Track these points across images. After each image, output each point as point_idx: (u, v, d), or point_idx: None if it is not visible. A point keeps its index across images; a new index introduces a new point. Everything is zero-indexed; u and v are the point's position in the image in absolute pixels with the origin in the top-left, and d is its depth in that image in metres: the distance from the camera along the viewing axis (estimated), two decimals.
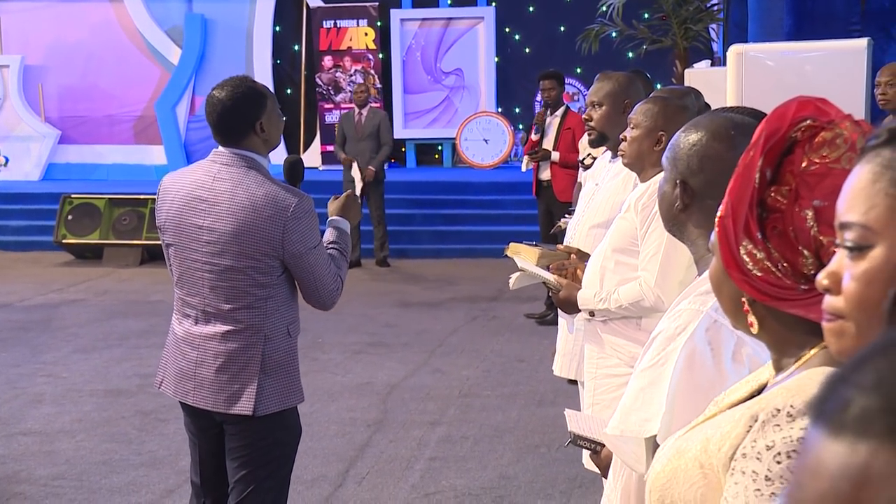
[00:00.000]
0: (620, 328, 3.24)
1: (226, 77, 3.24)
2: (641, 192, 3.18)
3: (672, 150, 1.88)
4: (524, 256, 3.82)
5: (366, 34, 15.19)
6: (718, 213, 1.24)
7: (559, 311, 3.62)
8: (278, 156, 15.02)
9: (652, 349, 2.00)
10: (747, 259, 1.21)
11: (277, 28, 15.56)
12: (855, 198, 0.92)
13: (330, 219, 3.37)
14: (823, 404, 0.48)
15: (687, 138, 1.85)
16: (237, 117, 3.09)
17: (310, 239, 3.08)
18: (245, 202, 3.04)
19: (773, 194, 1.21)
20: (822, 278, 0.98)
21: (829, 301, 0.98)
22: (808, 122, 1.23)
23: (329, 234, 3.32)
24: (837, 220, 0.94)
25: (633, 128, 3.19)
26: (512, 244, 3.93)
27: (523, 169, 8.71)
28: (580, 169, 6.23)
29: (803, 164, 1.20)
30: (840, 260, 0.96)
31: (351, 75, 15.05)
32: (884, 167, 0.90)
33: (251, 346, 3.09)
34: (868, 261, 0.92)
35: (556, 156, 8.13)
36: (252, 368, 3.09)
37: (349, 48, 15.23)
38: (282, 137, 3.31)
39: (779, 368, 1.30)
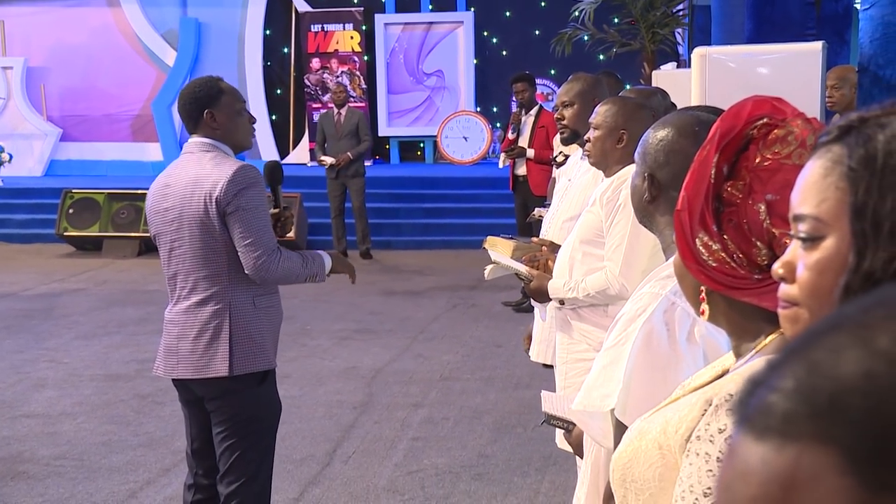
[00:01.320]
0: (588, 315, 3.25)
1: (220, 77, 3.44)
2: (606, 186, 3.19)
3: (642, 145, 1.89)
4: (500, 249, 3.82)
5: (351, 37, 15.13)
6: (675, 207, 1.24)
7: (532, 299, 3.63)
8: (270, 157, 14.97)
9: (615, 330, 2.01)
10: (703, 250, 1.20)
11: (268, 31, 15.48)
12: (807, 191, 0.92)
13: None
14: (745, 408, 0.47)
15: (656, 135, 1.86)
16: (189, 103, 3.22)
17: (246, 199, 3.12)
18: (195, 175, 3.16)
19: (729, 189, 1.21)
20: (777, 268, 0.98)
21: (785, 289, 0.98)
22: (765, 119, 1.22)
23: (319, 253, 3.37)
24: (791, 213, 0.94)
25: (595, 128, 3.20)
26: (489, 237, 3.93)
27: (500, 165, 8.74)
28: (554, 165, 6.23)
29: (757, 160, 1.20)
30: (794, 250, 0.96)
31: (338, 76, 15.00)
32: (834, 162, 0.91)
33: (218, 314, 3.17)
34: (820, 251, 0.92)
35: (530, 153, 8.16)
36: (222, 336, 3.16)
37: (336, 51, 15.17)
38: (253, 139, 3.35)
39: (738, 355, 1.30)
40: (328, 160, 10.30)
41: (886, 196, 0.86)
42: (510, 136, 8.30)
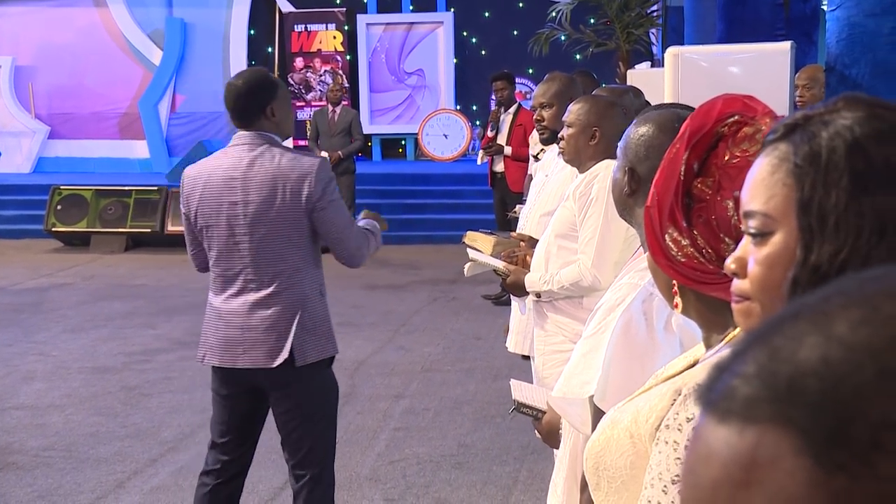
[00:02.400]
0: (564, 307, 3.26)
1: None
2: (579, 182, 3.20)
3: (624, 140, 1.90)
4: (480, 244, 3.82)
5: (334, 37, 15.08)
6: (645, 203, 1.24)
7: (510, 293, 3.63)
8: None
9: (594, 319, 2.01)
10: (672, 246, 1.20)
11: (252, 31, 15.40)
12: (756, 188, 0.93)
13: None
14: (709, 393, 0.48)
15: (637, 130, 1.87)
16: (250, 101, 3.15)
17: (333, 192, 3.16)
18: (273, 171, 3.11)
19: (699, 185, 1.21)
20: (729, 263, 0.98)
21: (737, 284, 0.98)
22: (735, 117, 1.22)
23: (361, 222, 3.40)
24: (742, 209, 0.95)
25: (568, 126, 3.21)
26: (469, 232, 3.92)
27: (479, 162, 8.76)
28: (531, 161, 6.23)
29: (726, 158, 1.19)
30: (745, 246, 0.96)
31: (321, 75, 14.95)
32: (780, 160, 0.91)
33: (293, 306, 3.15)
34: (769, 246, 0.92)
35: (508, 150, 8.16)
36: (296, 326, 3.14)
37: (319, 50, 15.11)
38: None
39: (708, 345, 1.30)
40: (323, 154, 10.27)
41: (831, 191, 0.86)
42: (489, 133, 8.31)
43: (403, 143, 15.42)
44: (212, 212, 3.17)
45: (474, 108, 15.13)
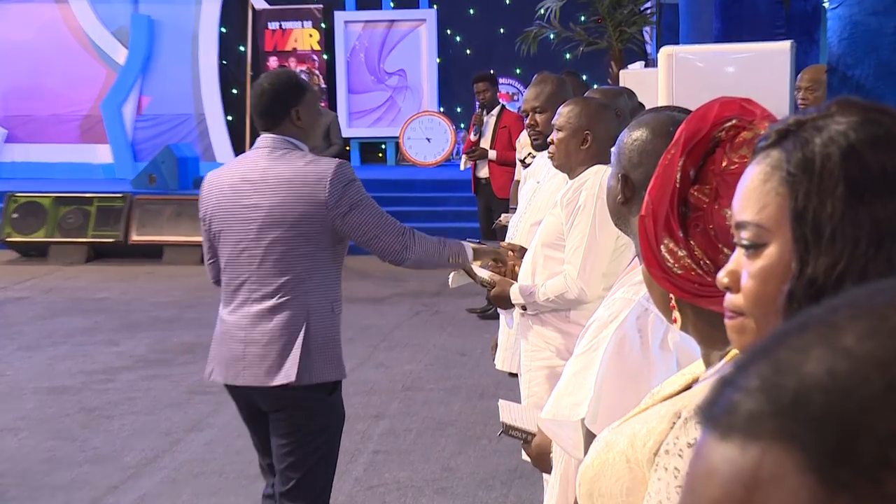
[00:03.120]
0: (551, 321, 3.26)
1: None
2: (567, 188, 3.21)
3: (617, 146, 1.90)
4: None
5: (310, 35, 15.09)
6: (639, 212, 1.23)
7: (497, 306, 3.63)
8: (225, 160, 14.85)
9: (586, 336, 2.01)
10: (668, 257, 1.20)
11: (223, 29, 15.38)
12: (748, 198, 0.93)
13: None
14: (711, 409, 0.48)
15: (631, 135, 1.87)
16: (275, 102, 3.18)
17: (355, 194, 3.13)
18: (289, 174, 3.12)
19: (695, 193, 1.20)
20: (722, 276, 0.98)
21: (730, 298, 0.98)
22: (733, 122, 1.22)
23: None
24: (734, 220, 0.95)
25: (558, 130, 3.22)
26: None
27: (461, 168, 8.76)
28: (518, 166, 6.24)
29: (724, 164, 1.19)
30: (738, 258, 0.96)
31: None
32: (773, 167, 0.91)
33: (296, 319, 3.11)
34: (763, 258, 0.92)
35: (492, 154, 8.18)
36: (299, 342, 3.11)
37: (294, 49, 15.12)
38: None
39: (708, 363, 1.29)
40: None
41: (826, 200, 0.87)
42: (472, 137, 8.33)
43: (384, 147, 15.43)
44: (225, 215, 3.18)
45: (458, 110, 15.16)
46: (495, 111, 8.33)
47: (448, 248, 3.31)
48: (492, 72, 9.23)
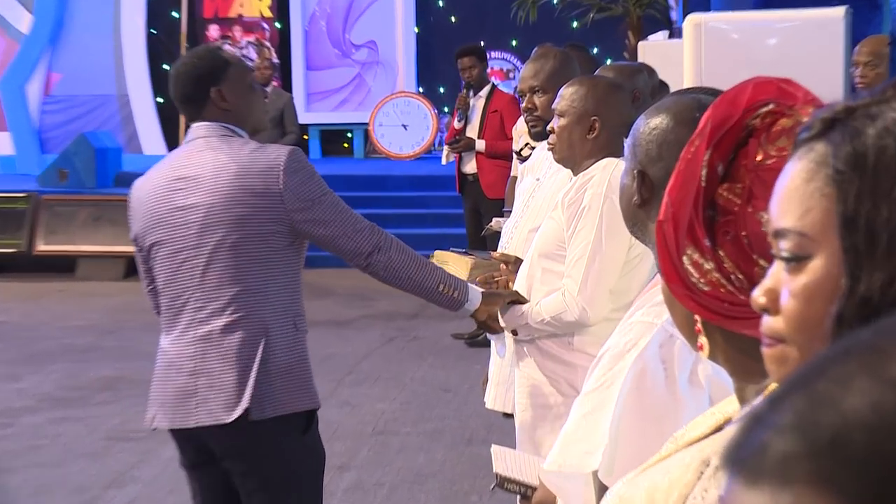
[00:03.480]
0: (551, 349, 3.27)
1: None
2: (570, 186, 3.23)
3: (632, 136, 1.91)
4: (453, 267, 3.82)
5: None
6: (657, 217, 1.24)
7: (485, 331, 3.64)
8: (154, 152, 14.79)
9: (598, 369, 2.02)
10: (692, 270, 1.20)
11: None
12: (788, 201, 0.93)
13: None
14: (739, 451, 0.49)
15: (648, 123, 1.88)
16: (188, 83, 3.25)
17: (316, 185, 3.17)
18: (232, 164, 3.15)
19: (725, 193, 1.21)
20: (758, 296, 0.98)
21: (768, 322, 0.98)
22: (769, 106, 1.23)
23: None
24: (771, 227, 0.95)
25: (559, 116, 3.23)
26: (438, 252, 3.93)
27: (443, 161, 8.77)
28: (514, 160, 6.25)
29: (759, 158, 1.20)
30: (777, 273, 0.97)
31: (242, 48, 14.95)
32: (817, 164, 0.91)
33: (252, 341, 3.12)
34: (807, 273, 0.93)
35: (480, 145, 8.13)
36: (258, 368, 3.11)
37: (239, 16, 15.14)
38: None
39: (742, 399, 1.30)
40: None
41: (881, 203, 0.87)
42: (456, 124, 8.32)
43: (350, 136, 15.45)
44: (158, 224, 3.21)
45: (442, 90, 15.21)
46: (484, 92, 8.31)
47: (441, 272, 3.32)
48: (481, 44, 9.25)
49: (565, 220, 3.18)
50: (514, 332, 3.32)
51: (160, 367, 3.26)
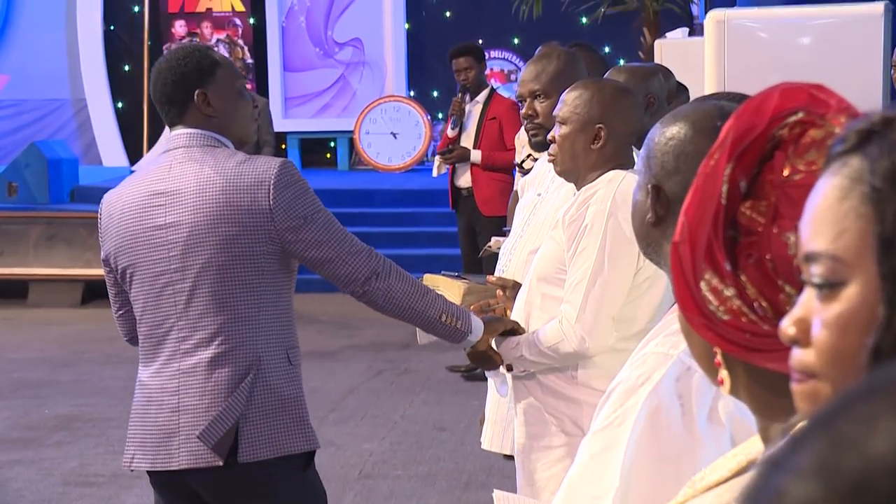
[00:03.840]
0: (553, 384, 3.27)
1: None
2: (572, 202, 3.24)
3: (646, 147, 1.92)
4: (444, 293, 3.82)
5: None
6: (672, 238, 1.25)
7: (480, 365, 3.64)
8: (114, 163, 14.77)
9: (608, 405, 2.02)
10: (711, 297, 1.21)
11: None
12: (820, 221, 0.94)
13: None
14: (755, 497, 0.50)
15: (664, 132, 1.89)
16: (174, 85, 3.25)
17: (309, 202, 3.19)
18: (217, 178, 3.15)
19: (747, 211, 1.21)
20: (787, 326, 0.99)
21: (798, 355, 0.99)
22: (798, 115, 1.23)
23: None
24: (802, 250, 0.96)
25: (561, 123, 3.25)
26: (427, 276, 3.93)
27: (434, 173, 8.72)
28: (516, 173, 6.26)
29: (785, 173, 1.21)
30: (808, 301, 0.97)
31: (211, 46, 14.97)
32: (852, 180, 0.92)
33: (241, 373, 3.13)
34: (841, 302, 0.93)
35: (476, 155, 8.06)
36: (249, 403, 3.12)
37: (208, 10, 15.16)
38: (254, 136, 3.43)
39: (766, 439, 1.31)
40: None
41: None
42: (450, 132, 8.28)
43: (333, 145, 15.45)
44: (134, 244, 3.21)
45: (435, 94, 15.21)
46: (481, 96, 8.27)
47: (442, 301, 3.33)
48: (479, 42, 9.24)
49: (566, 240, 3.19)
50: (509, 367, 3.32)
51: (139, 402, 3.26)
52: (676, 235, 1.24)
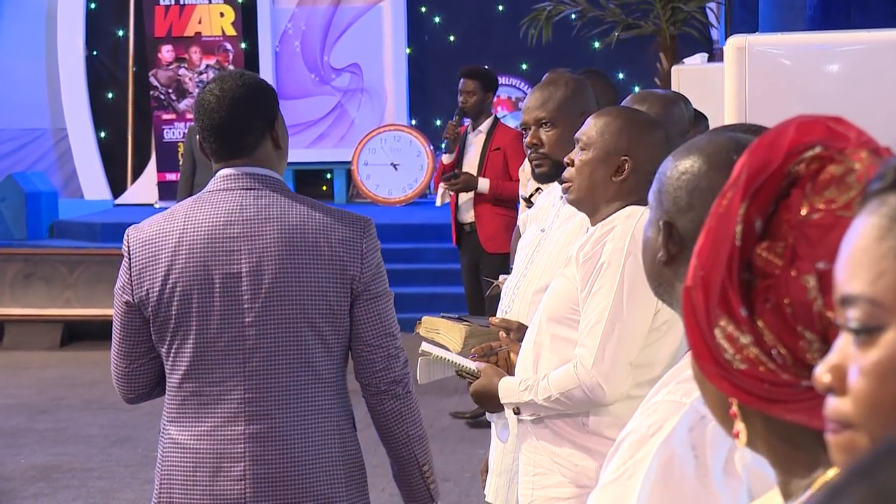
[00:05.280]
0: (562, 430, 3.26)
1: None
2: (587, 237, 3.23)
3: (658, 181, 1.93)
4: (445, 336, 3.81)
5: (221, 14, 15.19)
6: (685, 282, 1.25)
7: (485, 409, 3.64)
8: (97, 196, 14.78)
9: (618, 456, 2.02)
10: (726, 345, 1.20)
11: (92, 5, 15.47)
12: (857, 263, 0.95)
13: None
14: None
15: (677, 165, 1.90)
16: (251, 115, 3.16)
17: (382, 275, 3.21)
18: (303, 226, 3.11)
19: (764, 253, 1.21)
20: (821, 373, 1.00)
21: (834, 405, 0.99)
22: (816, 150, 1.23)
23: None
24: (837, 293, 0.97)
25: (582, 148, 3.23)
26: (426, 319, 3.91)
27: (438, 202, 8.66)
28: (522, 206, 6.26)
29: (803, 211, 1.20)
30: (844, 348, 0.98)
31: (201, 73, 15.03)
32: (891, 219, 0.94)
33: (325, 443, 3.14)
34: (881, 348, 0.94)
35: (484, 184, 7.99)
36: (336, 477, 3.15)
37: (198, 34, 15.20)
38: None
39: (787, 495, 1.30)
40: None
41: None
42: (445, 159, 8.20)
43: (329, 177, 15.47)
44: (190, 291, 3.08)
45: (438, 122, 15.20)
46: (485, 126, 8.20)
47: (431, 456, 3.42)
48: (481, 67, 9.17)
49: (580, 279, 3.17)
50: (516, 411, 3.32)
51: (179, 465, 3.14)
52: (689, 279, 1.24)
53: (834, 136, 1.24)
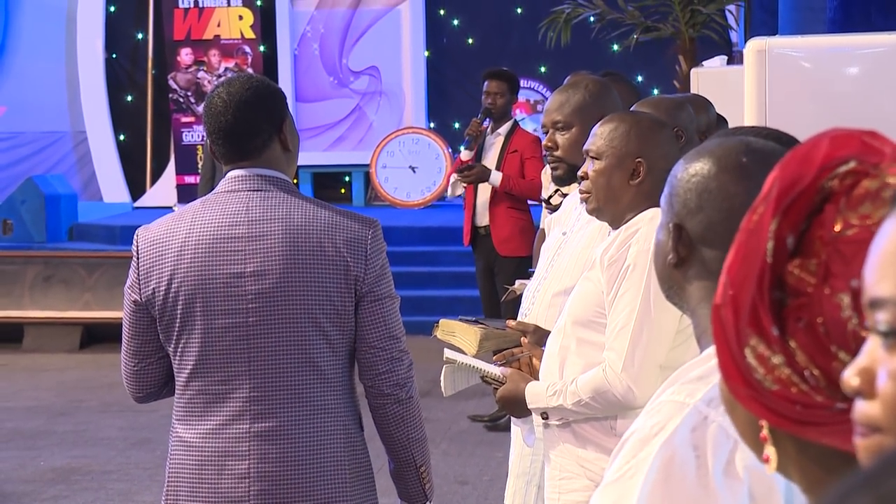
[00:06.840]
0: (589, 434, 3.27)
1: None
2: (610, 242, 3.24)
3: (669, 184, 1.93)
4: (460, 339, 3.82)
5: (240, 17, 15.24)
6: (714, 300, 1.23)
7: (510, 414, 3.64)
8: (116, 199, 14.84)
9: (621, 455, 2.01)
10: (757, 365, 1.19)
11: (112, 9, 15.52)
12: (886, 265, 0.95)
13: None
14: None
15: (687, 168, 1.90)
16: (260, 117, 3.20)
17: (388, 277, 3.24)
18: (308, 226, 3.14)
19: (796, 271, 1.20)
20: (850, 376, 0.99)
21: (862, 408, 0.99)
22: (850, 165, 1.22)
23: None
24: (866, 296, 0.96)
25: (595, 158, 3.25)
26: (443, 322, 3.93)
27: (449, 194, 8.67)
28: (542, 209, 6.25)
29: (837, 228, 1.19)
30: (873, 351, 0.97)
31: (220, 76, 15.06)
32: None
33: (331, 443, 3.15)
34: None
35: (496, 177, 7.95)
36: (340, 476, 3.16)
37: (216, 37, 15.25)
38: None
39: None
40: None
41: None
42: (464, 155, 8.18)
43: (348, 179, 15.50)
44: (195, 291, 3.12)
45: (456, 125, 15.24)
46: (504, 129, 8.21)
47: (429, 458, 3.44)
48: (506, 69, 9.17)
49: (605, 282, 3.18)
50: (544, 416, 3.31)
51: (186, 464, 3.17)
52: (718, 297, 1.23)
53: (869, 150, 1.22)
